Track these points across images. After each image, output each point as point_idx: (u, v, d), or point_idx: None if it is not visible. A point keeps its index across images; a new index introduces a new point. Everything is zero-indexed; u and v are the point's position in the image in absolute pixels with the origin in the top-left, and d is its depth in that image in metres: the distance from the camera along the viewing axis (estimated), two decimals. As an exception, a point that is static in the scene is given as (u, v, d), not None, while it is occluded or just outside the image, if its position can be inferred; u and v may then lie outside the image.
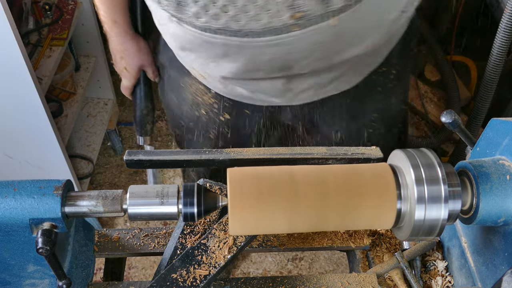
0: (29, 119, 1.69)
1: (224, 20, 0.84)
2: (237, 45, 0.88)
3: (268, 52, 0.89)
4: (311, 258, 2.18)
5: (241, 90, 1.09)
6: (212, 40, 0.89)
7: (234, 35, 0.86)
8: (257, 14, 0.82)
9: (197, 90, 1.19)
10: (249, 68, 0.95)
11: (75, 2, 2.01)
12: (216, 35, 0.88)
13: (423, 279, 0.89)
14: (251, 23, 0.83)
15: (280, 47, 0.87)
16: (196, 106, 1.22)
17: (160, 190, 0.69)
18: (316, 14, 0.81)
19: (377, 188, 0.67)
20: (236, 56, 0.92)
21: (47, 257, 0.68)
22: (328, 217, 0.68)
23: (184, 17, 0.88)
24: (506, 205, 0.68)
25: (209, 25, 0.86)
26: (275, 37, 0.85)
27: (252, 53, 0.90)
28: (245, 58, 0.92)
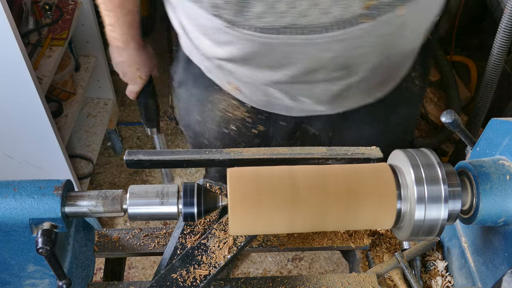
0: (29, 119, 1.69)
1: (291, 18, 0.81)
2: (301, 43, 0.85)
3: (333, 48, 0.86)
4: (311, 258, 2.18)
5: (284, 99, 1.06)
6: (273, 42, 0.86)
7: (299, 33, 0.83)
8: (328, 7, 0.79)
9: (229, 106, 1.16)
10: (309, 69, 0.92)
11: (75, 2, 2.02)
12: (280, 35, 0.85)
13: (423, 279, 0.89)
14: (321, 17, 0.81)
15: (346, 42, 0.85)
16: (225, 122, 1.18)
17: (160, 190, 0.69)
18: (387, 1, 0.81)
19: (377, 188, 0.67)
20: (297, 57, 0.89)
21: (47, 257, 0.68)
22: (328, 217, 0.68)
23: (242, 20, 0.85)
24: (506, 205, 0.68)
25: (272, 25, 0.83)
26: (343, 31, 0.83)
27: (316, 51, 0.87)
28: (307, 57, 0.89)
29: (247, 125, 1.17)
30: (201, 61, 1.09)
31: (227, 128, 1.19)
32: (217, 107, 1.17)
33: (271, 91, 1.05)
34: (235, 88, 1.09)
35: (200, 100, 1.20)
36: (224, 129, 1.19)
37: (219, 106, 1.17)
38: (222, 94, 1.15)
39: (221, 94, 1.15)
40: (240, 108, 1.15)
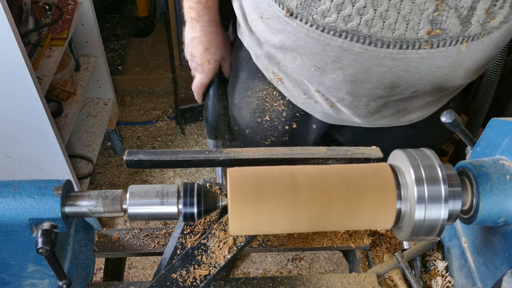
0: (29, 119, 1.69)
1: (355, 23, 0.80)
2: (357, 52, 0.84)
3: (386, 64, 0.85)
4: (311, 258, 2.18)
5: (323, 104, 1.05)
6: (330, 43, 0.84)
7: (358, 41, 0.82)
8: (395, 23, 0.79)
9: (268, 95, 1.15)
10: (356, 78, 0.91)
11: (75, 2, 2.02)
12: (339, 38, 0.83)
13: (423, 279, 0.89)
14: (385, 31, 0.80)
15: (401, 62, 0.84)
16: (261, 112, 1.18)
17: (160, 190, 0.69)
18: (452, 34, 0.79)
19: (377, 188, 0.67)
20: (349, 64, 0.87)
21: (47, 257, 0.68)
22: (328, 217, 0.68)
23: (305, 14, 0.83)
24: (506, 205, 0.68)
25: (335, 25, 0.81)
26: (402, 51, 0.82)
27: (369, 64, 0.86)
28: (358, 66, 0.87)
29: (281, 119, 1.17)
30: (252, 45, 1.08)
31: (261, 118, 1.19)
32: (256, 94, 1.17)
33: (312, 93, 1.04)
34: (279, 79, 1.09)
35: (242, 84, 1.20)
36: (258, 118, 1.19)
37: (259, 94, 1.17)
38: (264, 83, 1.15)
39: (263, 83, 1.15)
40: (279, 100, 1.15)
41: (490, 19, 0.79)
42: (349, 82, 0.92)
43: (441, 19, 0.78)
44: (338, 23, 0.81)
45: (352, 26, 0.80)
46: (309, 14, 0.82)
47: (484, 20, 0.79)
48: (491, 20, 0.79)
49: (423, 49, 0.82)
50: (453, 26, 0.79)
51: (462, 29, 0.79)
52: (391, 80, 0.89)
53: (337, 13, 0.80)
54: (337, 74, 0.91)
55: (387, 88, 0.92)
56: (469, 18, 0.78)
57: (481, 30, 0.80)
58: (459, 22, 0.78)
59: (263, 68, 1.13)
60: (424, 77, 0.88)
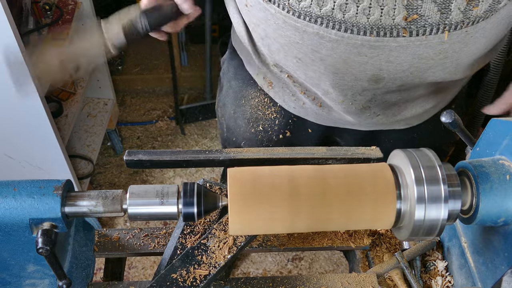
0: (29, 119, 1.69)
1: (330, 7, 0.78)
2: (334, 39, 0.82)
3: (365, 53, 0.83)
4: (311, 258, 2.18)
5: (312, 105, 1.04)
6: (307, 30, 0.82)
7: (334, 28, 0.80)
8: (369, 7, 0.76)
9: (260, 103, 1.15)
10: (337, 69, 0.89)
11: (75, 2, 2.01)
12: (314, 25, 0.81)
13: (423, 279, 0.89)
14: (360, 17, 0.78)
15: (380, 50, 0.82)
16: (254, 121, 1.18)
17: (160, 190, 0.69)
18: (431, 21, 0.77)
19: (377, 188, 0.67)
20: (327, 53, 0.85)
21: (47, 257, 0.68)
22: (328, 217, 0.68)
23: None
24: (506, 205, 0.68)
25: (310, 10, 0.80)
26: (380, 38, 0.80)
27: (347, 52, 0.84)
28: (337, 56, 0.85)
29: (274, 128, 1.16)
30: (243, 49, 1.08)
31: (254, 128, 1.18)
32: (249, 103, 1.17)
33: (298, 94, 1.03)
34: (269, 84, 1.08)
35: (236, 93, 1.20)
36: (252, 128, 1.19)
37: (252, 102, 1.17)
38: (256, 90, 1.15)
39: (255, 90, 1.15)
40: (271, 107, 1.14)
41: (473, 6, 0.77)
42: (330, 73, 0.90)
43: (416, 4, 0.76)
44: (312, 8, 0.79)
45: (326, 11, 0.79)
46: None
47: (466, 7, 0.76)
48: (474, 7, 0.77)
49: (402, 37, 0.79)
50: (430, 11, 0.76)
51: (442, 16, 0.77)
52: (373, 71, 0.87)
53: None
54: (318, 65, 0.89)
55: (370, 80, 0.90)
56: (448, 4, 0.76)
57: (464, 18, 0.77)
58: (436, 7, 0.76)
59: (254, 74, 1.13)
60: (408, 69, 0.86)
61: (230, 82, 1.22)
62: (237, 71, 1.18)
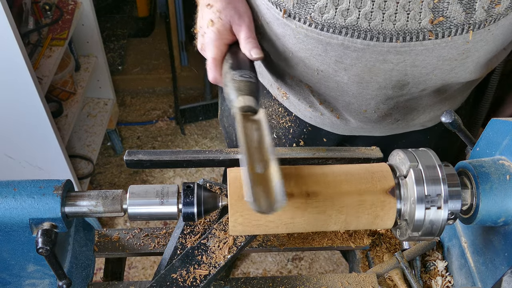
0: (29, 119, 1.70)
1: (355, 17, 0.77)
2: (359, 48, 0.81)
3: (391, 60, 0.82)
4: (311, 258, 2.18)
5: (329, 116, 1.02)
6: (331, 42, 0.82)
7: (359, 37, 0.79)
8: (395, 13, 0.76)
9: (274, 113, 1.12)
10: (361, 78, 0.88)
11: (75, 2, 2.02)
12: (339, 36, 0.80)
13: (423, 279, 0.89)
14: (386, 23, 0.77)
15: (406, 55, 0.81)
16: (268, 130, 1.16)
17: (160, 190, 0.69)
18: (457, 22, 0.77)
19: (377, 188, 0.67)
20: (352, 62, 0.84)
21: (47, 257, 0.68)
22: (328, 217, 0.68)
23: (302, 12, 0.80)
24: (506, 205, 0.68)
25: (334, 22, 0.79)
26: (406, 43, 0.79)
27: (373, 60, 0.83)
28: (362, 65, 0.84)
29: (288, 137, 1.14)
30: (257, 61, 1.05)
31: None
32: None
33: (317, 105, 1.01)
34: (284, 95, 1.06)
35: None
36: None
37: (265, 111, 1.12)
38: (270, 100, 1.12)
39: (269, 100, 1.12)
40: (285, 117, 1.12)
41: (495, 4, 0.76)
42: (354, 83, 0.89)
43: (442, 6, 0.76)
44: (337, 19, 0.79)
45: (351, 21, 0.78)
46: (307, 12, 0.80)
47: (489, 5, 0.76)
48: (496, 5, 0.77)
49: (428, 40, 0.79)
50: (456, 12, 0.76)
51: (467, 16, 0.77)
52: (398, 77, 0.87)
53: (334, 8, 0.78)
54: (341, 76, 0.88)
55: (395, 87, 0.89)
56: (473, 4, 0.76)
57: (487, 17, 0.77)
58: (462, 8, 0.76)
59: (267, 85, 1.10)
60: (433, 71, 0.85)
61: None
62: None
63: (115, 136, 2.52)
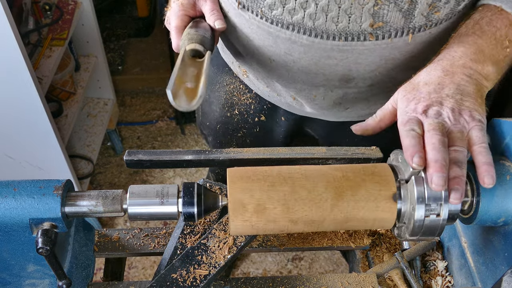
0: (29, 119, 1.69)
1: (300, 17, 0.82)
2: (304, 44, 0.86)
3: (335, 56, 0.86)
4: (311, 258, 2.18)
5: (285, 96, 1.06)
6: (279, 35, 0.86)
7: (305, 33, 0.84)
8: (337, 16, 0.80)
9: (235, 89, 1.17)
10: (309, 70, 0.92)
11: (75, 2, 2.02)
12: (287, 31, 0.85)
13: (423, 279, 0.89)
14: (329, 24, 0.81)
15: (348, 53, 0.85)
16: (230, 106, 1.19)
17: (160, 190, 0.69)
18: (395, 27, 0.80)
19: (377, 188, 0.67)
20: (299, 56, 0.89)
21: (47, 257, 0.68)
22: (328, 217, 0.68)
23: (255, 6, 0.86)
24: (506, 205, 0.68)
25: (282, 18, 0.84)
26: (348, 43, 0.83)
27: (318, 56, 0.87)
28: (309, 59, 0.89)
29: (250, 112, 1.18)
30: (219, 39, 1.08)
31: (230, 112, 1.20)
32: (224, 89, 1.18)
33: (274, 85, 1.05)
34: (244, 72, 1.10)
35: (211, 78, 1.21)
36: (228, 112, 1.20)
37: (227, 88, 1.18)
38: (231, 77, 1.16)
39: (230, 77, 1.16)
40: (246, 93, 1.16)
41: (435, 12, 0.79)
42: (303, 73, 0.93)
43: (382, 13, 0.79)
44: (284, 16, 0.83)
45: (297, 19, 0.82)
46: (258, 7, 0.85)
47: (428, 12, 0.79)
48: (436, 13, 0.80)
49: (369, 41, 0.82)
50: (395, 18, 0.79)
51: (406, 21, 0.80)
52: (343, 72, 0.90)
53: (282, 7, 0.82)
54: (290, 66, 0.92)
55: (341, 80, 0.93)
56: (412, 11, 0.79)
57: (426, 22, 0.80)
58: (401, 15, 0.79)
59: (229, 62, 1.14)
60: (377, 69, 0.89)
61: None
62: (212, 58, 1.19)
63: (115, 136, 2.52)
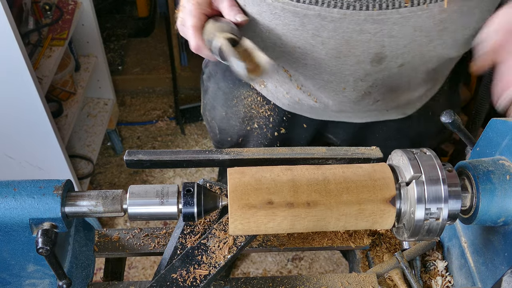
0: (29, 119, 1.70)
1: None
2: (336, 18, 0.81)
3: (368, 30, 0.82)
4: (311, 258, 2.18)
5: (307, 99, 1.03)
6: (307, 13, 0.81)
7: (336, 6, 0.79)
8: None
9: (253, 102, 1.15)
10: (339, 52, 0.88)
11: (75, 2, 2.02)
12: (315, 6, 0.80)
13: (423, 279, 0.89)
14: None
15: (382, 25, 0.81)
16: (249, 119, 1.18)
17: (160, 190, 0.69)
18: None
19: (377, 188, 0.67)
20: (329, 35, 0.84)
21: (47, 257, 0.68)
22: (328, 217, 0.68)
23: None
24: (506, 205, 0.68)
25: None
26: (383, 11, 0.80)
27: (350, 31, 0.83)
28: (340, 37, 0.84)
29: (269, 126, 1.16)
30: None
31: (250, 125, 1.19)
32: (242, 102, 1.17)
33: (295, 90, 1.03)
34: (261, 83, 1.08)
35: (227, 94, 1.19)
36: (248, 126, 1.19)
37: (244, 101, 1.16)
38: (249, 90, 1.15)
39: (248, 89, 1.15)
40: (264, 105, 1.15)
41: None
42: (332, 58, 0.89)
43: None
44: None
45: None
46: None
47: None
48: None
49: (404, 7, 0.80)
50: None
51: None
52: (376, 49, 0.87)
53: None
54: (318, 51, 0.88)
55: (373, 61, 0.90)
56: None
57: None
58: None
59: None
60: (410, 43, 0.86)
61: (219, 84, 1.21)
62: (226, 73, 1.18)
63: (115, 136, 2.52)
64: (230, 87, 1.18)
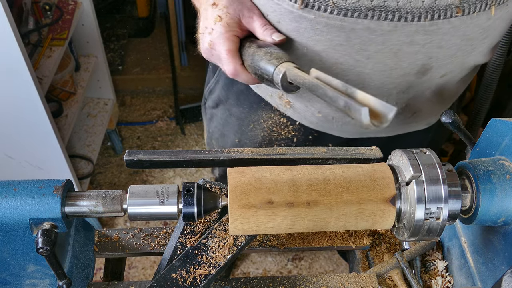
0: (29, 119, 1.69)
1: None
2: (386, 31, 0.77)
3: (418, 41, 0.79)
4: (311, 258, 2.18)
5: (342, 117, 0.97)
6: (355, 27, 0.77)
7: (386, 18, 0.76)
8: None
9: (275, 124, 1.07)
10: (385, 66, 0.83)
11: (75, 2, 2.02)
12: (364, 20, 0.76)
13: (423, 279, 0.89)
14: (414, 1, 0.75)
15: (433, 36, 0.79)
16: (267, 143, 1.10)
17: (160, 190, 0.69)
18: None
19: (377, 188, 0.67)
20: (377, 49, 0.80)
21: (47, 257, 0.68)
22: (328, 217, 0.68)
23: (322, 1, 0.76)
24: (506, 205, 0.68)
25: (359, 4, 0.75)
26: (434, 22, 0.77)
27: (399, 43, 0.79)
28: (388, 50, 0.81)
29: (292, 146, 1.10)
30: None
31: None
32: (261, 126, 1.09)
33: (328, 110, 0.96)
34: (286, 103, 1.01)
35: (241, 119, 1.11)
36: None
37: (264, 125, 1.08)
38: (269, 112, 1.07)
39: (268, 112, 1.07)
40: (288, 126, 1.07)
41: None
42: (377, 72, 0.85)
43: None
44: (362, 1, 0.75)
45: (378, 2, 0.75)
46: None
47: None
48: None
49: (455, 17, 0.77)
50: None
51: None
52: (423, 61, 0.84)
53: None
54: (363, 66, 0.84)
55: (419, 72, 0.86)
56: None
57: None
58: None
59: (266, 96, 1.04)
60: (455, 53, 0.84)
61: (231, 110, 1.13)
62: (240, 97, 1.09)
63: (115, 136, 2.52)
64: (246, 111, 1.10)
